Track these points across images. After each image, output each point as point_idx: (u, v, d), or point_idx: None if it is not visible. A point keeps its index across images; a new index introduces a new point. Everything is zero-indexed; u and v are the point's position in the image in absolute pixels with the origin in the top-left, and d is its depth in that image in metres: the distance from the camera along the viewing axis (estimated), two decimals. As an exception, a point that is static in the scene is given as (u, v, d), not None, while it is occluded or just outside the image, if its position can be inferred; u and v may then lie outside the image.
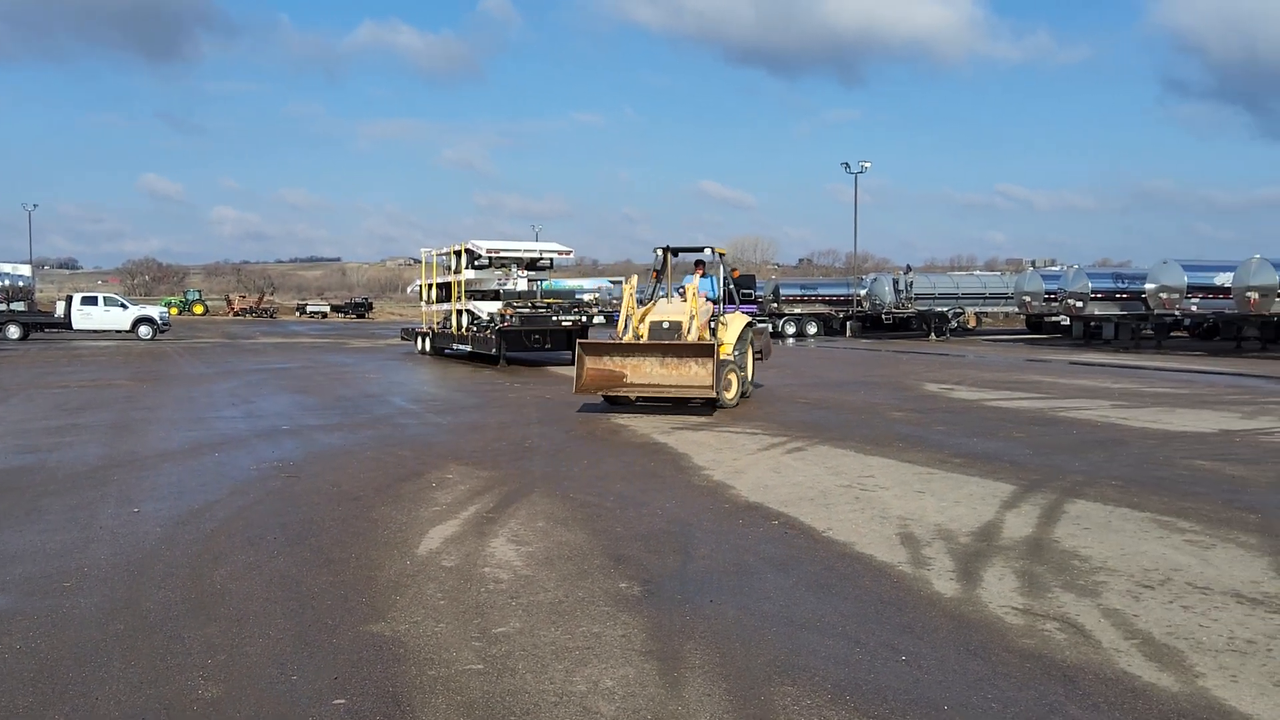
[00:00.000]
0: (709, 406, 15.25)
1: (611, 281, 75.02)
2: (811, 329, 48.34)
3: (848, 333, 48.81)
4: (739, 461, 10.40)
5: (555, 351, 26.61)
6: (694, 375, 14.60)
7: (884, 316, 47.80)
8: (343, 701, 4.25)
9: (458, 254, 28.79)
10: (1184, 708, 4.15)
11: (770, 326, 44.87)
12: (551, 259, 29.19)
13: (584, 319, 26.37)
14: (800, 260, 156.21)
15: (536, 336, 25.91)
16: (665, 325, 15.67)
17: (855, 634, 5.08)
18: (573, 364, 25.88)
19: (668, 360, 14.77)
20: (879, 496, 8.52)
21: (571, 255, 30.70)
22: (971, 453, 10.90)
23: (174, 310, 76.13)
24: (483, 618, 5.34)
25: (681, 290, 17.02)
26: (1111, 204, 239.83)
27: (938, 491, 8.72)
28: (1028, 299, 41.69)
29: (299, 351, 34.28)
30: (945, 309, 46.15)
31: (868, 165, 55.59)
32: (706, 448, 11.38)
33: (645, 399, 15.42)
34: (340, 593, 5.80)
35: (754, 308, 33.18)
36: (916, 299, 45.78)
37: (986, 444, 11.57)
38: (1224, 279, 32.25)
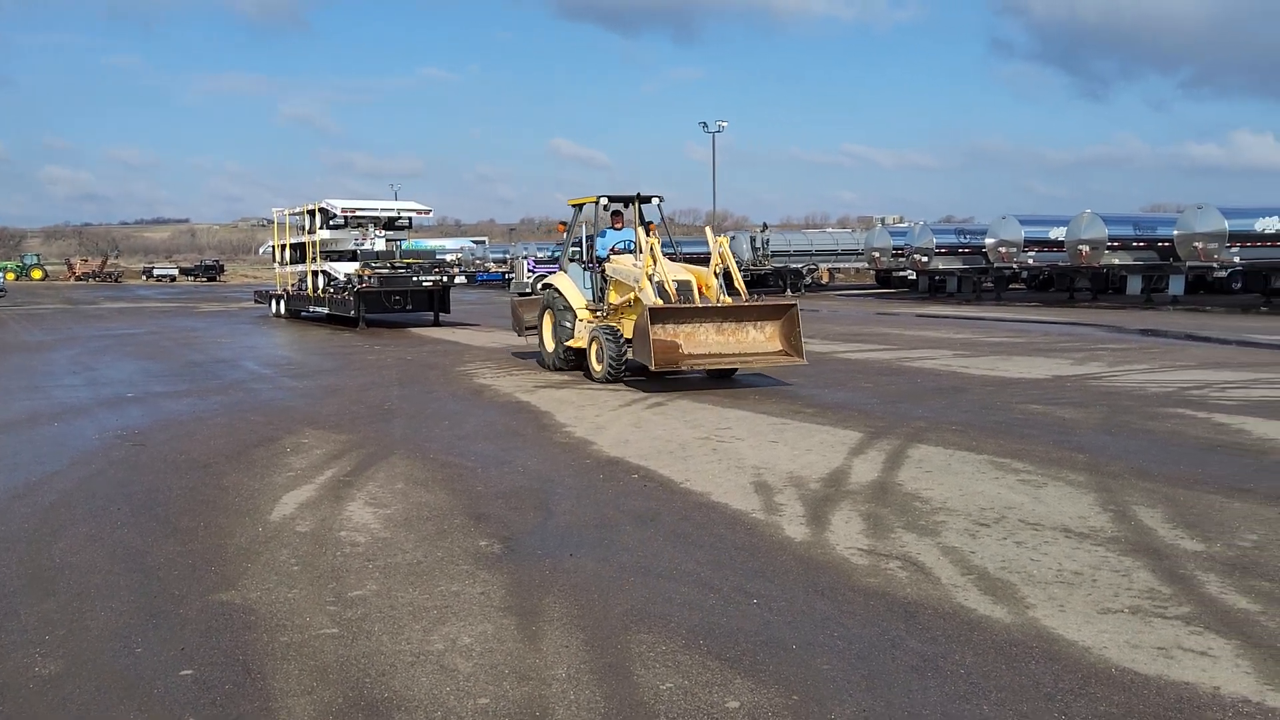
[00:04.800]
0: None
1: (474, 241, 73.92)
2: (674, 286, 48.71)
3: (709, 289, 49.37)
4: (601, 418, 10.48)
5: (417, 312, 26.17)
6: (752, 341, 12.64)
7: (742, 274, 48.58)
8: (190, 672, 4.15)
9: (311, 214, 27.89)
10: (1016, 638, 4.41)
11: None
12: (410, 219, 28.59)
13: (445, 279, 25.98)
14: (661, 219, 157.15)
15: (397, 297, 25.38)
16: (675, 286, 12.97)
17: (710, 580, 5.22)
18: (435, 324, 25.81)
19: (725, 326, 12.61)
20: (735, 447, 8.73)
21: (431, 215, 30.13)
22: (823, 403, 11.25)
23: (10, 275, 71.92)
24: (338, 582, 5.27)
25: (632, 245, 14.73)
26: (950, 162, 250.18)
27: (790, 441, 8.99)
28: (877, 255, 43.02)
29: (146, 316, 32.75)
30: (800, 266, 47.22)
31: (725, 124, 56.12)
32: (569, 405, 11.43)
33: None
34: (188, 562, 5.64)
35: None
36: (773, 256, 46.69)
37: (837, 394, 11.96)
38: (1058, 233, 33.90)
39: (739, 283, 13.40)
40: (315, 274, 27.60)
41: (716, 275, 13.17)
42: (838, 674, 4.05)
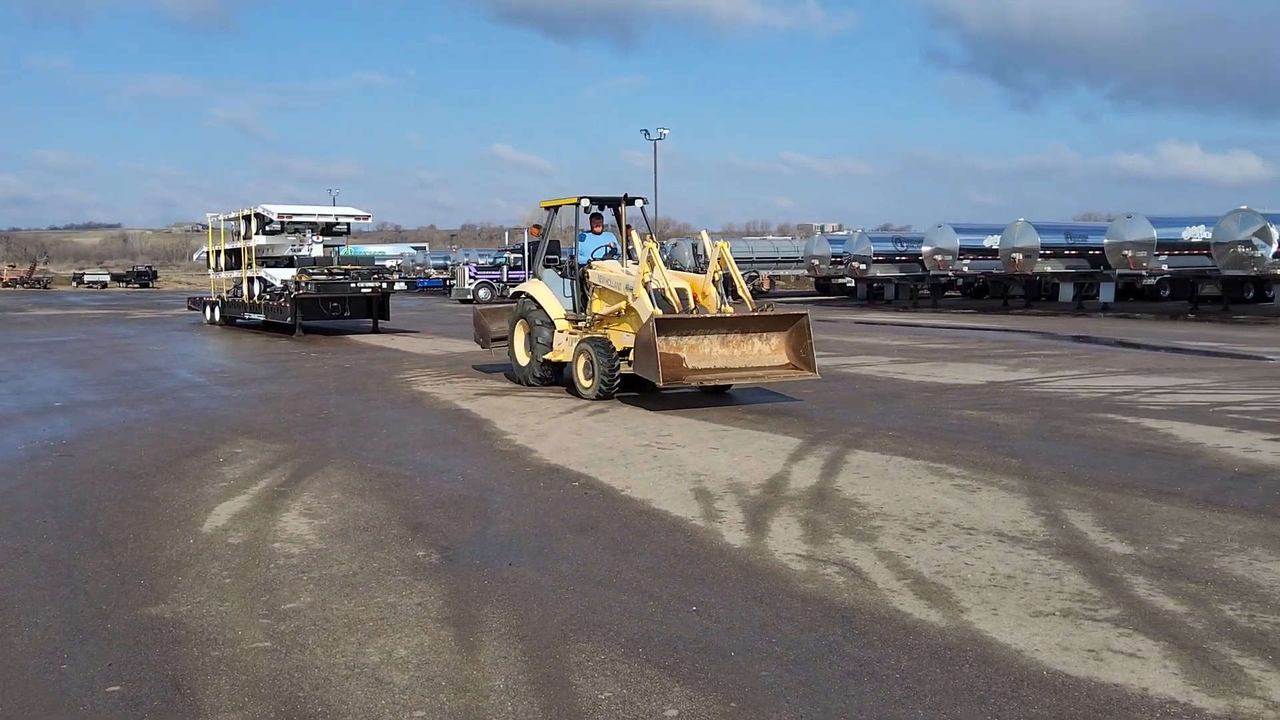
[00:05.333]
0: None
1: (415, 248, 73.20)
2: (615, 293, 48.73)
3: (651, 296, 49.44)
4: (541, 425, 10.44)
5: (355, 319, 25.87)
6: (758, 354, 11.72)
7: (684, 282, 48.71)
8: (117, 688, 4.05)
9: (247, 219, 27.46)
10: (950, 641, 4.46)
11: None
12: (349, 224, 28.25)
13: (384, 286, 25.71)
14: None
15: (334, 304, 25.06)
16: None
17: (650, 588, 5.22)
18: (375, 331, 25.54)
19: (730, 338, 11.67)
20: (675, 454, 8.75)
21: (370, 220, 29.81)
22: (762, 409, 11.32)
23: (-70, 282, 69.73)
24: (271, 594, 5.18)
25: (612, 248, 13.96)
26: (887, 170, 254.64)
27: (730, 447, 9.03)
28: (816, 262, 43.42)
29: (75, 324, 31.97)
30: (741, 273, 47.49)
31: (666, 132, 56.21)
32: (510, 413, 11.37)
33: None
34: (117, 575, 5.51)
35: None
36: (715, 263, 46.85)
37: (775, 401, 12.04)
38: (992, 241, 34.51)
39: (743, 290, 12.47)
40: (251, 280, 27.17)
41: (715, 283, 12.34)
42: (776, 680, 4.07)
